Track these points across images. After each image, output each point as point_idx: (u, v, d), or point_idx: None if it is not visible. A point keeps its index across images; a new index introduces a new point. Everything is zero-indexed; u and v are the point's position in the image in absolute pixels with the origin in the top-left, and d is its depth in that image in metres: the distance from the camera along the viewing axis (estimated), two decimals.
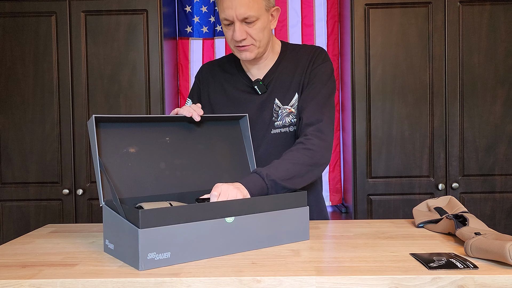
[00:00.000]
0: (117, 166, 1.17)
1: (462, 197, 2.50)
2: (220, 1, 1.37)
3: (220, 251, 1.06)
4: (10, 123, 2.57)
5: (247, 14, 1.34)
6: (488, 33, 2.47)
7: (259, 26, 1.38)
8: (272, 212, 1.14)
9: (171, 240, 1.00)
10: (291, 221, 1.17)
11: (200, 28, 3.06)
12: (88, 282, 0.88)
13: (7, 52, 2.55)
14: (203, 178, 1.31)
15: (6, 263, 1.00)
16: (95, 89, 2.55)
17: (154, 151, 1.25)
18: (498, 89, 2.48)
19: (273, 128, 1.47)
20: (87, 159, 2.56)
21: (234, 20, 1.36)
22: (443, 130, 2.49)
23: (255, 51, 1.42)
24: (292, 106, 1.46)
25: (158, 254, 0.98)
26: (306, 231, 1.19)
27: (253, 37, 1.39)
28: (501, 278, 0.87)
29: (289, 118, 1.47)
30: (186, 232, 1.02)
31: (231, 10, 1.34)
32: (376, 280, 0.87)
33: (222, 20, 1.39)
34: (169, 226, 1.00)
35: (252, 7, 1.35)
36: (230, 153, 1.38)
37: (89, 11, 2.54)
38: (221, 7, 1.37)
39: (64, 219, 2.57)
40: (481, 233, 1.03)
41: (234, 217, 1.08)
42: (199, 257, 1.03)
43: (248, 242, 1.10)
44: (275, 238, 1.14)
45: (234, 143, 1.39)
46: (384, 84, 2.50)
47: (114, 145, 1.19)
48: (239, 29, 1.36)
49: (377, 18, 2.50)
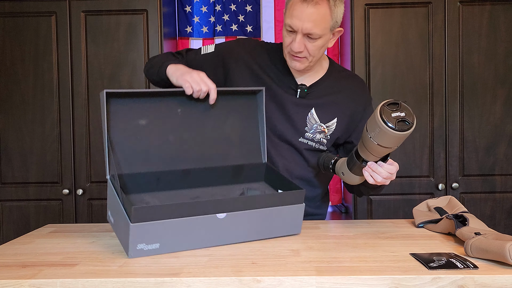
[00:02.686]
0: (126, 139, 1.20)
1: (462, 197, 2.50)
2: (291, 7, 1.34)
3: (209, 243, 1.10)
4: (10, 123, 2.56)
5: (312, 31, 1.32)
6: (488, 33, 2.47)
7: (318, 44, 1.36)
8: (266, 209, 1.16)
9: (161, 234, 1.04)
10: (285, 217, 1.19)
11: (200, 28, 3.06)
12: (88, 282, 0.88)
13: (7, 52, 2.55)
14: (210, 152, 1.31)
15: (6, 263, 1.00)
16: (95, 89, 2.55)
17: (164, 124, 1.25)
18: (498, 89, 2.48)
19: (302, 136, 1.47)
20: (87, 159, 2.56)
21: (298, 31, 1.33)
22: (443, 130, 2.49)
23: (306, 64, 1.40)
24: (328, 127, 1.46)
25: (148, 245, 1.03)
26: (298, 226, 1.22)
27: (310, 52, 1.37)
28: (501, 278, 0.87)
29: (321, 136, 1.46)
30: (177, 227, 1.06)
31: (298, 21, 1.31)
32: (376, 280, 0.87)
33: (286, 25, 1.35)
34: (159, 221, 1.04)
35: (319, 25, 1.32)
36: (241, 128, 1.35)
37: (89, 11, 2.54)
38: (290, 13, 1.33)
39: (64, 219, 2.57)
40: (481, 233, 1.03)
41: (225, 213, 1.10)
42: (187, 248, 1.08)
43: (238, 236, 1.13)
44: (266, 233, 1.17)
45: (248, 118, 1.36)
46: (384, 84, 2.50)
47: (125, 118, 1.20)
48: (300, 41, 1.34)
49: (377, 18, 2.50)
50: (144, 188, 1.24)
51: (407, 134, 1.06)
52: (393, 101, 1.07)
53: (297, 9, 1.31)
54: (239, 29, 3.05)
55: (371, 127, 1.09)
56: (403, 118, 1.06)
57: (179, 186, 1.29)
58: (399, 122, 1.05)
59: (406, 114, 1.06)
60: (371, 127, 1.10)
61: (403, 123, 1.06)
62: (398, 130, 1.05)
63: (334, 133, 1.48)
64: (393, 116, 1.05)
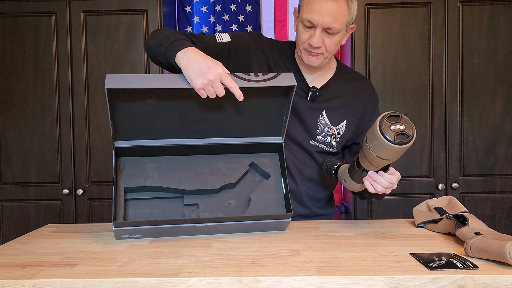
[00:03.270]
0: (133, 113, 1.20)
1: (462, 197, 2.50)
2: (308, 2, 1.32)
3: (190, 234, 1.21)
4: (10, 123, 2.57)
5: (332, 25, 1.32)
6: (488, 33, 2.47)
7: (336, 39, 1.36)
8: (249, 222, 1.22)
9: (142, 231, 1.17)
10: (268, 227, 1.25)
11: (200, 28, 3.05)
12: (88, 282, 0.88)
13: (7, 52, 2.55)
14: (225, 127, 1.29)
15: (6, 263, 1.00)
16: (95, 89, 2.55)
17: (175, 102, 1.21)
18: (498, 89, 2.48)
19: (313, 139, 1.47)
20: (87, 159, 2.56)
21: (317, 26, 1.32)
22: (443, 130, 2.49)
23: (322, 60, 1.39)
24: (338, 129, 1.47)
25: (131, 235, 1.17)
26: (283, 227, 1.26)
27: (327, 48, 1.36)
28: (501, 278, 0.87)
29: (331, 138, 1.46)
30: (157, 230, 1.18)
31: (319, 16, 1.31)
32: (376, 280, 0.87)
33: (305, 20, 1.34)
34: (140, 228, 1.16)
35: (340, 20, 1.33)
36: (264, 110, 1.29)
37: (89, 11, 2.54)
38: (308, 8, 1.32)
39: (64, 219, 2.57)
40: (481, 233, 1.03)
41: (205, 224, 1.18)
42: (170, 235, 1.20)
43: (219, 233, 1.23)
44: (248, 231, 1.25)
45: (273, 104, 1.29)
46: (384, 84, 2.50)
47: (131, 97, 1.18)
48: (319, 36, 1.33)
49: (377, 18, 2.50)
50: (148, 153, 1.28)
51: (406, 147, 1.05)
52: (394, 113, 1.06)
53: (317, 4, 1.31)
54: (239, 29, 3.05)
55: (371, 138, 1.09)
56: (403, 131, 1.04)
57: (184, 153, 1.30)
58: (398, 135, 1.04)
59: (406, 127, 1.05)
60: (370, 139, 1.09)
61: (403, 136, 1.04)
62: (396, 144, 1.04)
63: (344, 135, 1.48)
64: (393, 129, 1.04)
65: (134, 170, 1.26)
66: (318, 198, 1.52)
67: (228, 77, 1.16)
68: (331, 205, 1.61)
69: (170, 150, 1.28)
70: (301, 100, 1.45)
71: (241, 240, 1.18)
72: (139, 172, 1.26)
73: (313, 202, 1.52)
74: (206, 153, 1.31)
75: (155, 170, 1.26)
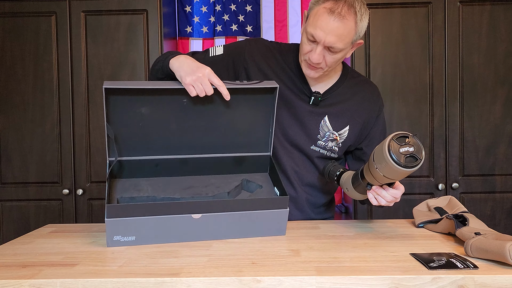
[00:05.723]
0: (127, 124, 1.22)
1: (462, 197, 2.50)
2: (315, 15, 1.28)
3: (186, 238, 1.15)
4: (10, 123, 2.56)
5: (335, 44, 1.27)
6: (488, 33, 2.47)
7: (337, 57, 1.32)
8: (244, 212, 1.18)
9: (136, 228, 1.11)
10: (266, 220, 1.20)
11: (200, 28, 3.06)
12: (88, 282, 0.88)
13: (7, 52, 2.55)
14: (214, 141, 1.30)
15: (6, 263, 1.00)
16: (95, 89, 2.55)
17: (167, 113, 1.24)
18: (498, 89, 2.48)
19: (314, 144, 1.45)
20: (87, 159, 2.56)
21: (320, 43, 1.28)
22: (443, 130, 2.49)
23: (321, 73, 1.37)
24: (340, 135, 1.45)
25: (124, 237, 1.11)
26: (282, 229, 1.22)
27: (327, 63, 1.33)
28: (501, 278, 0.87)
29: (332, 144, 1.45)
30: (151, 224, 1.12)
31: (322, 33, 1.26)
32: (376, 280, 0.87)
33: (308, 34, 1.29)
34: (134, 218, 1.10)
35: (343, 40, 1.28)
36: (250, 120, 1.31)
37: (89, 11, 2.54)
38: (314, 22, 1.27)
39: (64, 219, 2.57)
40: (481, 233, 1.03)
41: (201, 214, 1.14)
42: (164, 242, 1.14)
43: (215, 234, 1.17)
44: (245, 233, 1.19)
45: (258, 111, 1.31)
46: (384, 84, 2.50)
47: (126, 106, 1.21)
48: (319, 53, 1.29)
49: (377, 18, 2.50)
50: (142, 173, 1.28)
51: (415, 170, 1.05)
52: (402, 134, 1.05)
53: (323, 20, 1.25)
54: (239, 29, 3.05)
55: (378, 159, 1.07)
56: (412, 154, 1.03)
57: (177, 173, 1.31)
58: (407, 158, 1.03)
59: (415, 149, 1.04)
60: (378, 159, 1.07)
61: (412, 158, 1.04)
62: (405, 167, 1.03)
63: (346, 141, 1.46)
64: (401, 151, 1.03)
65: (128, 185, 1.27)
66: (319, 204, 1.51)
67: (216, 77, 1.22)
68: (331, 209, 1.60)
69: (163, 164, 1.28)
70: (303, 104, 1.43)
71: (241, 240, 1.18)
72: (132, 186, 1.26)
73: (314, 208, 1.51)
74: (198, 167, 1.31)
75: (149, 186, 1.27)
